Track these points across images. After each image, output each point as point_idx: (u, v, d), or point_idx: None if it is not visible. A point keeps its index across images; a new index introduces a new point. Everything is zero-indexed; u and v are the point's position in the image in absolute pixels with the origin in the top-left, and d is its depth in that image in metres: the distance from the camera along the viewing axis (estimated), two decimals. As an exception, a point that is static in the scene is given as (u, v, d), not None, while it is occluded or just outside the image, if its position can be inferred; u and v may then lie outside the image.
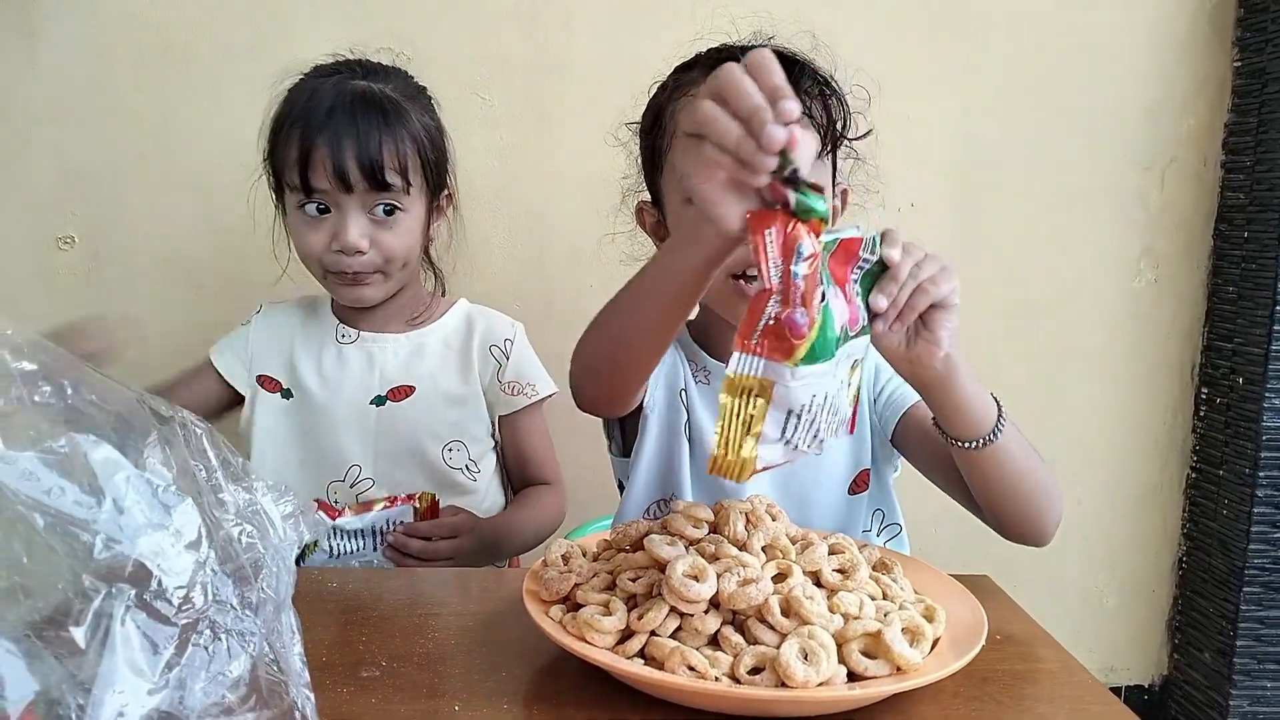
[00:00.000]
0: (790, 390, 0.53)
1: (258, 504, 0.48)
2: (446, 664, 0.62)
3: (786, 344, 0.52)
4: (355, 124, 0.91)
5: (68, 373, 0.46)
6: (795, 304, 0.51)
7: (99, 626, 0.39)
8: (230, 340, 1.06)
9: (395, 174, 0.93)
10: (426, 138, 0.97)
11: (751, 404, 0.53)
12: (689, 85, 0.79)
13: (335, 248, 0.94)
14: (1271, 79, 1.40)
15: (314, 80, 0.95)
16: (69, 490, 0.41)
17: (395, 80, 0.99)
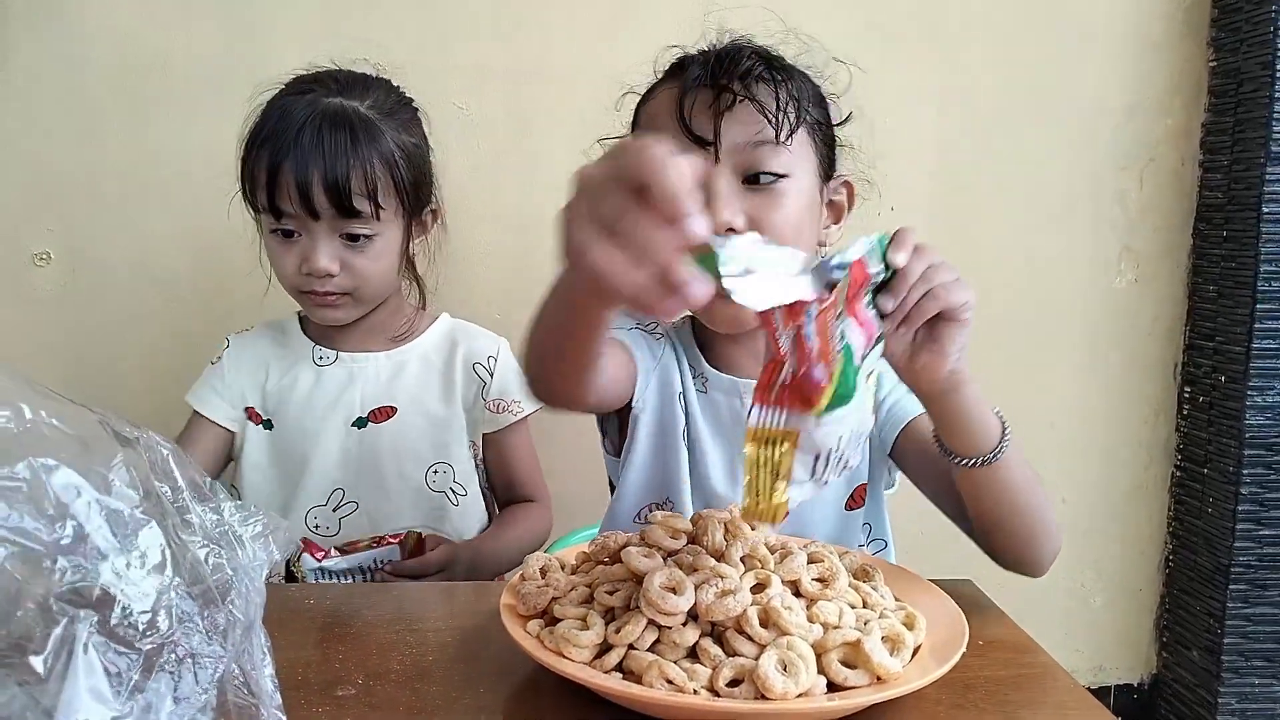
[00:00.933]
0: (816, 435, 0.52)
1: (226, 524, 0.48)
2: (424, 681, 0.61)
3: (808, 399, 0.51)
4: (321, 147, 0.89)
5: (26, 395, 0.45)
6: (813, 361, 0.50)
7: (60, 653, 0.39)
8: (208, 382, 1.03)
9: (363, 199, 0.91)
10: (402, 157, 0.94)
11: (777, 451, 0.52)
12: (650, 93, 0.80)
13: (304, 270, 0.93)
14: (1247, 78, 1.42)
15: (288, 96, 0.93)
16: (29, 516, 0.41)
17: (375, 94, 0.96)
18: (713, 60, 0.75)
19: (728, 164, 0.74)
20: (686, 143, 0.74)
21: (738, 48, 0.77)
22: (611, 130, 0.88)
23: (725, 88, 0.73)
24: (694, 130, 0.74)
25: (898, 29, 1.41)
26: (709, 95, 0.74)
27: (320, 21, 1.30)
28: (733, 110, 0.73)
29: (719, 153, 0.74)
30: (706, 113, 0.73)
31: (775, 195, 0.75)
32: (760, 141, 0.74)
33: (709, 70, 0.74)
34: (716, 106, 0.73)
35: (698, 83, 0.74)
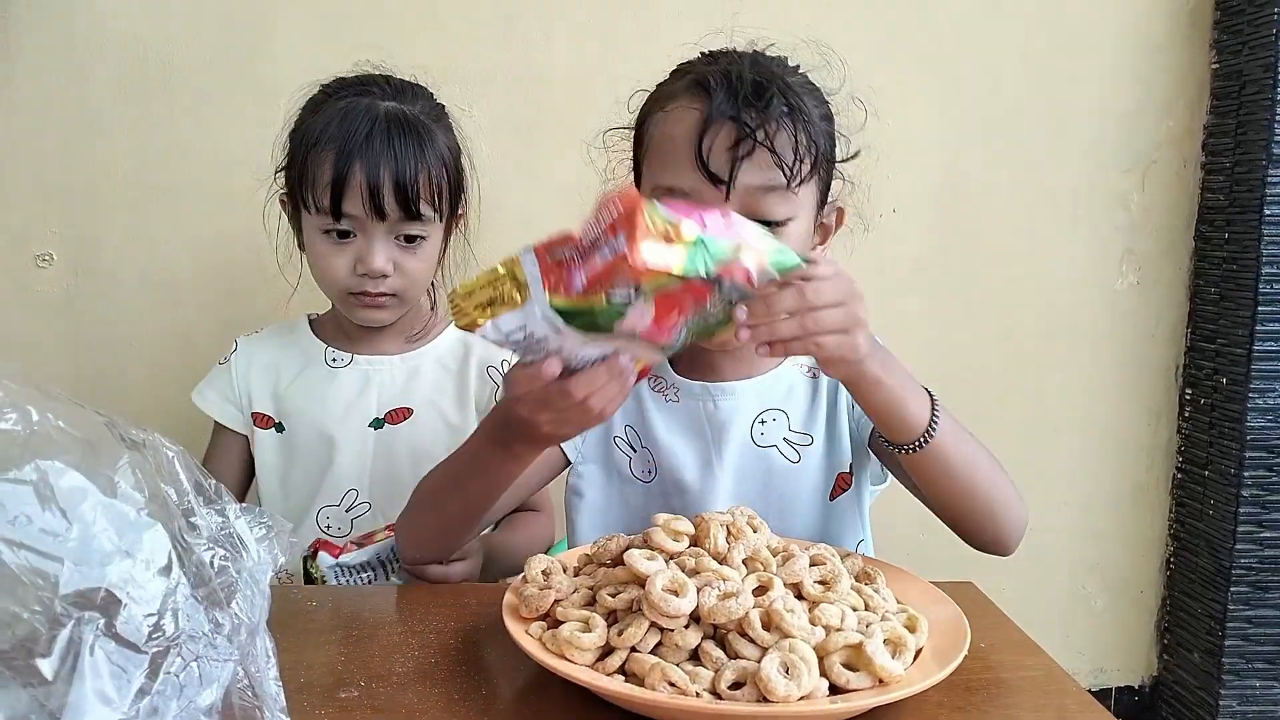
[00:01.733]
0: (531, 313, 0.55)
1: (231, 527, 0.48)
2: (426, 683, 0.61)
3: (557, 283, 0.55)
4: (392, 149, 0.89)
5: (34, 398, 0.46)
6: (583, 267, 0.54)
7: (67, 656, 0.39)
8: (217, 385, 1.03)
9: (428, 203, 0.92)
10: (452, 160, 0.96)
11: (506, 291, 0.55)
12: (667, 99, 0.79)
13: (359, 271, 0.93)
14: (1249, 80, 1.42)
15: (343, 99, 0.93)
16: (36, 518, 0.41)
17: (421, 100, 0.97)
18: (739, 94, 0.73)
19: (735, 203, 0.73)
20: (699, 178, 0.73)
21: (765, 80, 0.74)
22: (618, 137, 0.88)
23: (749, 133, 0.72)
24: (710, 168, 0.73)
25: (900, 31, 1.41)
26: (730, 133, 0.72)
27: (325, 26, 1.31)
28: (751, 156, 0.73)
29: (730, 193, 0.73)
30: (725, 154, 0.73)
31: (779, 238, 0.74)
32: (771, 187, 0.74)
33: (735, 103, 0.73)
34: (736, 151, 0.72)
35: (721, 115, 0.73)
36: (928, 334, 1.46)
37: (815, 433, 0.86)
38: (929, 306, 1.47)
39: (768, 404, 0.86)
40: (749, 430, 0.85)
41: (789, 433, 0.85)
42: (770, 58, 0.80)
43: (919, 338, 1.45)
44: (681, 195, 0.74)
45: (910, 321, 1.46)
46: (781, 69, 0.79)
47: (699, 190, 0.74)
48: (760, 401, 0.86)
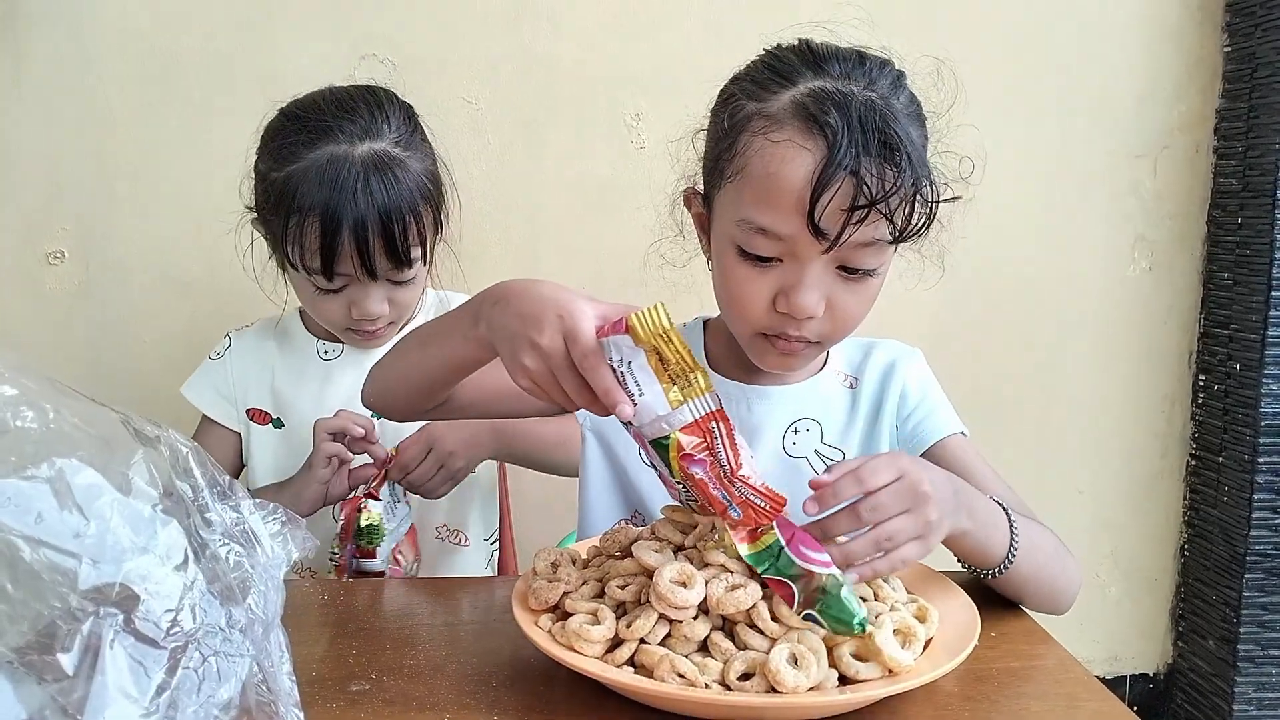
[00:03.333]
0: (657, 400, 0.57)
1: (245, 522, 0.48)
2: (437, 676, 0.62)
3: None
4: (375, 206, 0.87)
5: (50, 396, 0.46)
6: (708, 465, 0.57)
7: (87, 651, 0.40)
8: (210, 380, 1.03)
9: (416, 247, 0.91)
10: (431, 184, 0.94)
11: (687, 374, 0.57)
12: (773, 124, 0.70)
13: (356, 316, 0.93)
14: (1262, 64, 1.40)
15: (314, 148, 0.88)
16: (53, 516, 0.42)
17: (393, 121, 0.92)
18: (863, 145, 0.66)
19: (831, 255, 0.70)
20: (803, 228, 0.67)
21: (893, 135, 0.67)
22: (622, 127, 0.86)
23: (869, 200, 0.66)
24: (819, 223, 0.67)
25: (910, 16, 1.40)
26: (848, 191, 0.66)
27: (330, 19, 1.31)
28: (866, 219, 0.67)
29: (834, 247, 0.69)
30: (839, 214, 0.67)
31: (863, 284, 0.72)
32: (874, 242, 0.69)
33: (857, 156, 0.66)
34: (851, 215, 0.66)
35: (840, 169, 0.66)
36: (939, 323, 1.45)
37: (848, 448, 0.84)
38: (939, 294, 1.46)
39: (802, 413, 0.83)
40: (781, 438, 0.83)
41: (821, 445, 0.83)
42: (879, 74, 0.72)
43: (930, 327, 1.44)
44: (775, 238, 0.69)
45: (921, 310, 1.45)
46: (892, 97, 0.70)
47: (797, 240, 0.69)
48: (795, 410, 0.83)
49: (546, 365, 0.59)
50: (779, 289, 0.71)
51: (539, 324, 0.59)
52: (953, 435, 0.82)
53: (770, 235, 0.70)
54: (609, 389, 0.56)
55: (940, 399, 0.86)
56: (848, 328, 0.75)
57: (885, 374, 0.85)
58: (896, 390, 0.84)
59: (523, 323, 0.60)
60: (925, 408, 0.84)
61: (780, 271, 0.71)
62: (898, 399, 0.84)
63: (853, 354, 0.88)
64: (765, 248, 0.71)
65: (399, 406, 0.80)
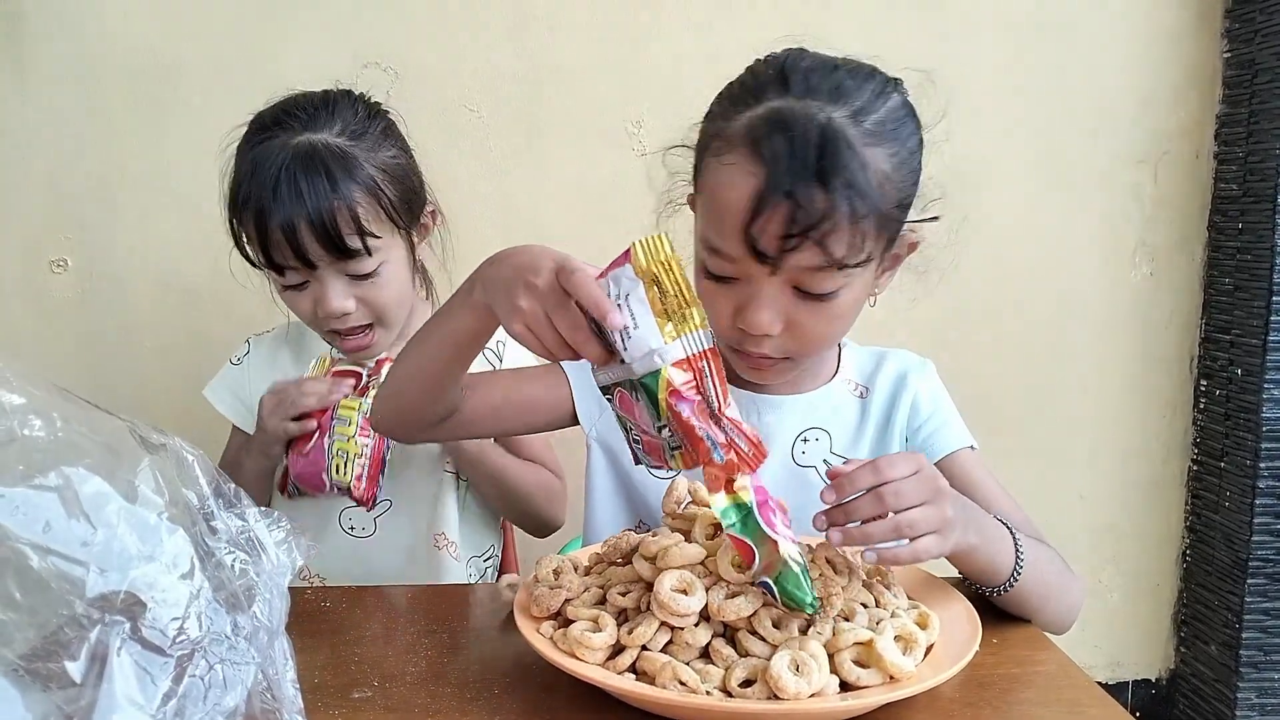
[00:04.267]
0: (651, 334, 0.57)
1: (250, 530, 0.49)
2: (438, 683, 0.62)
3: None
4: (300, 195, 0.86)
5: (57, 405, 0.47)
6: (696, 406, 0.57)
7: (94, 659, 0.40)
8: (230, 386, 1.03)
9: (354, 237, 0.89)
10: (385, 178, 0.92)
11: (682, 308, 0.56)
12: (726, 145, 0.70)
13: (321, 314, 0.92)
14: (1261, 69, 1.40)
15: (256, 146, 0.90)
16: (61, 525, 0.42)
17: (342, 117, 0.92)
18: (800, 170, 0.65)
19: (782, 276, 0.69)
20: (744, 248, 0.68)
21: (831, 160, 0.66)
22: (624, 135, 0.86)
23: (801, 228, 0.65)
24: (758, 247, 0.67)
25: (909, 20, 1.40)
26: (783, 217, 0.66)
27: (332, 28, 1.32)
28: (799, 248, 0.67)
29: (776, 270, 0.69)
30: (775, 241, 0.67)
31: (824, 306, 0.71)
32: (822, 268, 0.68)
33: (793, 180, 0.65)
34: (786, 243, 0.66)
35: (776, 192, 0.66)
36: (939, 329, 1.46)
37: (857, 457, 0.82)
38: (940, 300, 1.46)
39: (811, 422, 0.84)
40: (790, 448, 0.83)
41: (830, 454, 0.83)
42: (856, 89, 0.70)
43: (932, 332, 1.44)
44: (727, 258, 0.70)
45: (922, 315, 1.45)
46: (858, 116, 0.69)
47: (744, 261, 0.69)
48: (805, 419, 0.84)
49: (540, 303, 0.58)
50: (737, 305, 0.72)
51: (534, 268, 0.59)
52: (961, 450, 0.82)
53: (723, 256, 0.71)
54: (598, 300, 0.55)
55: (951, 412, 0.85)
56: (816, 345, 0.75)
57: (897, 384, 0.85)
58: (908, 401, 0.84)
59: (518, 270, 0.60)
60: (936, 420, 0.84)
61: (738, 289, 0.72)
62: (909, 410, 0.84)
63: (864, 363, 0.88)
64: (720, 267, 0.72)
65: (409, 411, 0.78)
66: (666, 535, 0.63)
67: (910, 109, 0.75)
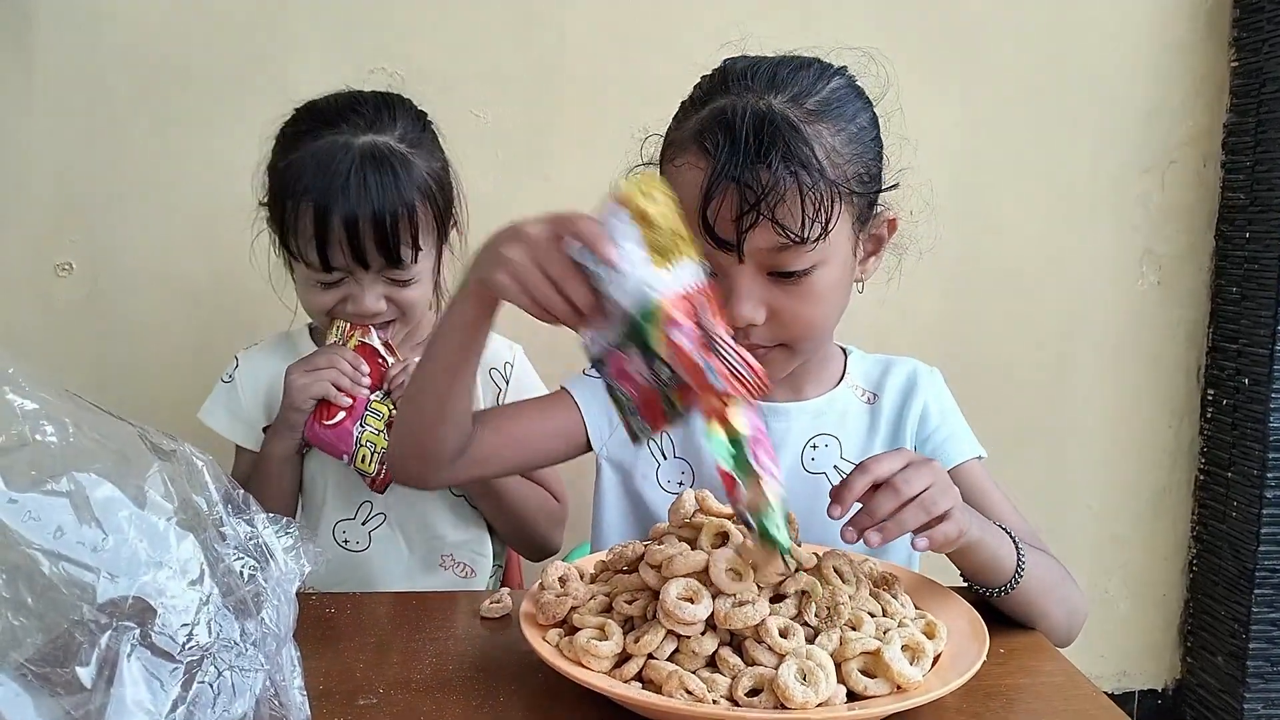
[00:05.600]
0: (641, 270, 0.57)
1: (259, 536, 0.49)
2: (444, 690, 0.62)
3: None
4: (369, 198, 0.87)
5: (69, 410, 0.47)
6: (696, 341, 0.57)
7: (105, 664, 0.40)
8: (224, 404, 1.02)
9: (409, 247, 0.90)
10: (435, 186, 0.94)
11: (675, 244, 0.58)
12: (677, 149, 0.74)
13: (351, 310, 0.93)
14: (1269, 79, 1.40)
15: (317, 138, 0.89)
16: (72, 530, 0.42)
17: (400, 122, 0.93)
18: (742, 152, 0.68)
19: (752, 262, 0.71)
20: (708, 243, 0.70)
21: (769, 136, 0.68)
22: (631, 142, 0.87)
23: (751, 204, 0.67)
24: (717, 235, 0.70)
25: (918, 31, 1.40)
26: (734, 200, 0.68)
27: (340, 32, 1.32)
28: (756, 225, 0.69)
29: (742, 254, 0.70)
30: (730, 225, 0.69)
31: (802, 286, 0.72)
32: (785, 246, 0.70)
33: (737, 163, 0.68)
34: (741, 223, 0.68)
35: (723, 179, 0.68)
36: (947, 337, 1.46)
37: None
38: (948, 309, 1.46)
39: (821, 429, 0.84)
40: (800, 455, 0.83)
41: (840, 460, 0.83)
42: (792, 77, 0.73)
43: (938, 340, 1.44)
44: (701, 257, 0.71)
45: (929, 324, 1.45)
46: (797, 99, 0.71)
47: (712, 254, 0.70)
48: (814, 425, 0.84)
49: (530, 251, 0.59)
50: (719, 303, 0.73)
51: (522, 225, 0.61)
52: (969, 460, 0.82)
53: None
54: (593, 233, 0.56)
55: (959, 422, 0.85)
56: (805, 330, 0.75)
57: (906, 392, 0.85)
58: (917, 409, 0.84)
59: (504, 233, 0.63)
60: (945, 430, 0.84)
61: (719, 284, 0.72)
62: (918, 418, 0.84)
63: (871, 369, 0.88)
64: None
65: (425, 436, 0.76)
66: (672, 543, 0.63)
67: (856, 89, 0.77)
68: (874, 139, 0.76)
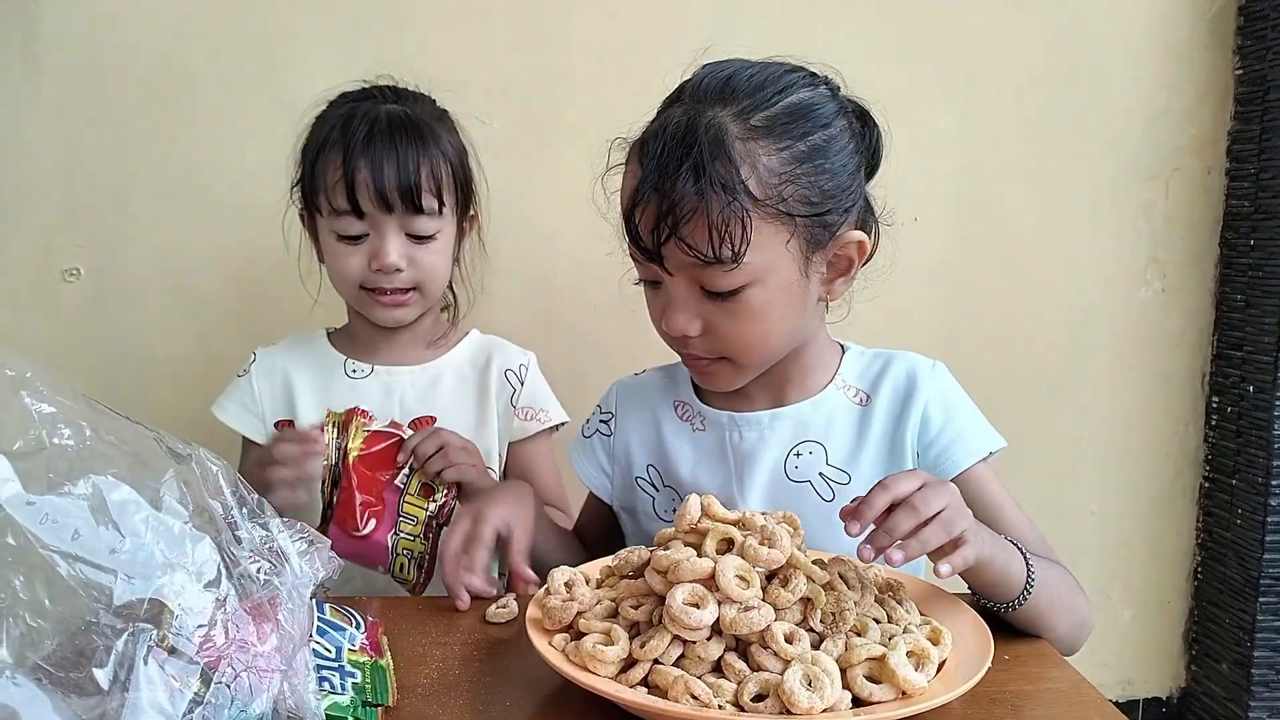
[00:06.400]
0: None
1: (274, 540, 0.49)
2: (450, 694, 0.62)
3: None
4: (394, 146, 0.93)
5: (85, 414, 0.48)
6: None
7: (121, 666, 0.41)
8: (238, 398, 1.04)
9: (431, 196, 0.95)
10: (457, 158, 1.00)
11: None
12: (627, 159, 0.76)
13: (374, 268, 0.95)
14: (1273, 86, 1.40)
15: (347, 106, 0.97)
16: (90, 532, 0.43)
17: (423, 104, 1.01)
18: (665, 163, 0.68)
19: (682, 275, 0.71)
20: (637, 253, 0.72)
21: (684, 150, 0.67)
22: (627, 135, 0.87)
23: (659, 221, 0.67)
24: (641, 245, 0.71)
25: (920, 39, 1.41)
26: (653, 211, 0.68)
27: (346, 37, 1.33)
28: (666, 241, 0.68)
29: (665, 267, 0.71)
30: (649, 235, 0.69)
31: (734, 305, 0.71)
32: (705, 264, 0.68)
33: (660, 174, 0.68)
34: (655, 238, 0.69)
35: (646, 189, 0.68)
36: (950, 344, 1.46)
37: (856, 470, 0.80)
38: (951, 316, 1.47)
39: (804, 435, 0.82)
40: (783, 462, 0.81)
41: (826, 467, 0.81)
42: (749, 88, 0.71)
43: (941, 348, 1.44)
44: (638, 261, 0.74)
45: (932, 331, 1.45)
46: (744, 113, 0.69)
47: (645, 262, 0.72)
48: (795, 433, 0.82)
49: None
50: (661, 310, 0.75)
51: None
52: (977, 465, 0.80)
53: (637, 260, 0.74)
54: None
55: (967, 418, 0.82)
56: (742, 348, 0.75)
57: (904, 394, 0.82)
58: (917, 413, 0.81)
59: None
60: (951, 431, 0.81)
61: (662, 294, 0.75)
62: (918, 423, 0.81)
63: (867, 367, 0.85)
64: (641, 272, 0.76)
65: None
66: (678, 549, 0.63)
67: (823, 106, 0.73)
68: (835, 157, 0.72)
